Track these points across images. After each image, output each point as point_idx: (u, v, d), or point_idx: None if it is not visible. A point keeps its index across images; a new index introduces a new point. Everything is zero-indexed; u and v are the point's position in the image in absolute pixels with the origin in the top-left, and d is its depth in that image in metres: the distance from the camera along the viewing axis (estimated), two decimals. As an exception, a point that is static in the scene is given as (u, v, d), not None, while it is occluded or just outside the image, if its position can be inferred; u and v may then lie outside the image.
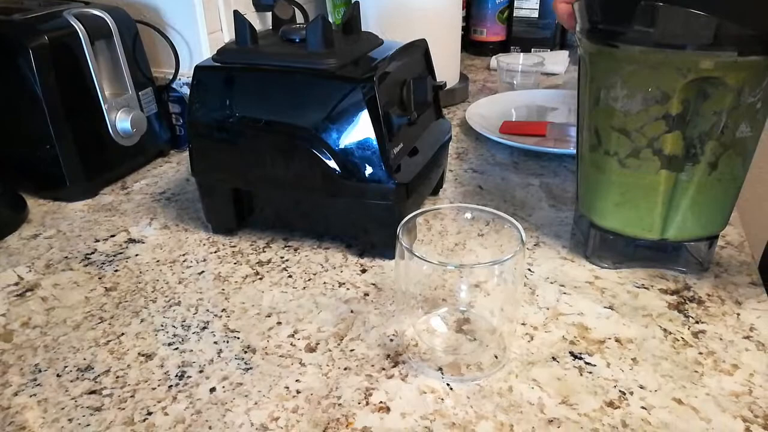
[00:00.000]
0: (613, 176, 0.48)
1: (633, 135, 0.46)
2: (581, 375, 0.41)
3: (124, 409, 0.39)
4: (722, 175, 0.46)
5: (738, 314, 0.46)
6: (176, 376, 0.41)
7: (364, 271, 0.53)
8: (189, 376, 0.41)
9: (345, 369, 0.42)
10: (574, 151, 0.55)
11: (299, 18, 0.85)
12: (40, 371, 0.42)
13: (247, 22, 0.53)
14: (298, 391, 0.40)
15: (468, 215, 0.45)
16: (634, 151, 0.46)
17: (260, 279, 0.52)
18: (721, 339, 0.44)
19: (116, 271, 0.54)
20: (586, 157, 0.51)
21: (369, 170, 0.51)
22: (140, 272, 0.53)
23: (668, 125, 0.44)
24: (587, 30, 0.46)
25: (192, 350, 0.44)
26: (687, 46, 0.41)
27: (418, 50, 0.60)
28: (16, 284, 0.52)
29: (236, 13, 0.54)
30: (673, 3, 0.40)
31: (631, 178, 0.47)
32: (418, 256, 0.38)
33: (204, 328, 0.46)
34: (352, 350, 0.43)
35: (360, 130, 0.50)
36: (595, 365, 0.41)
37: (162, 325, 0.46)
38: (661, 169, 0.46)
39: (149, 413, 0.38)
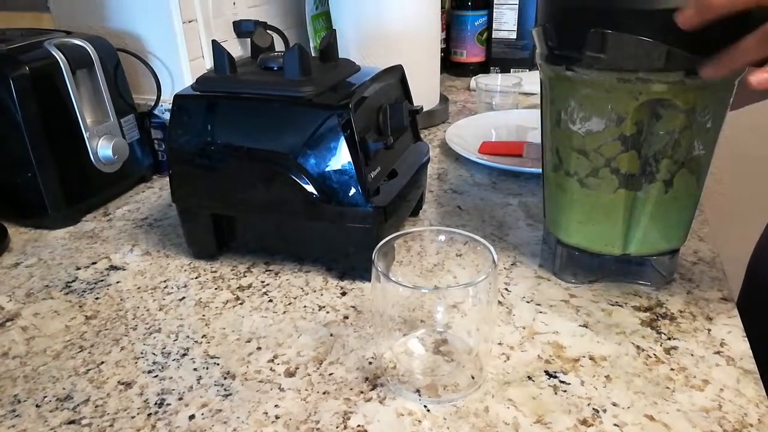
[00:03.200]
0: (575, 195, 0.50)
1: (591, 155, 0.48)
2: (556, 393, 0.41)
3: (102, 438, 0.39)
4: (678, 192, 0.48)
5: (709, 330, 0.47)
6: (155, 404, 0.42)
7: (344, 293, 0.53)
8: (168, 404, 0.42)
9: (324, 393, 0.42)
10: None
11: (279, 45, 0.87)
12: (19, 402, 0.42)
13: (225, 51, 0.54)
14: (276, 417, 0.40)
15: (442, 237, 0.46)
16: (593, 170, 0.48)
17: (241, 304, 0.52)
18: (692, 355, 0.44)
19: (97, 298, 0.54)
20: (550, 177, 0.53)
21: (347, 194, 0.51)
22: (121, 299, 0.54)
23: (624, 145, 0.46)
24: (545, 55, 0.48)
25: (172, 377, 0.44)
26: (637, 70, 0.43)
27: (395, 76, 0.61)
28: (-4, 314, 0.52)
29: (214, 43, 0.55)
30: (622, 30, 0.42)
31: (591, 197, 0.49)
32: (392, 280, 0.39)
33: (184, 354, 0.46)
34: (331, 374, 0.44)
35: (337, 155, 0.51)
36: (569, 383, 0.42)
37: (142, 353, 0.47)
38: (619, 188, 0.48)
39: (128, 442, 0.39)
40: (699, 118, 0.45)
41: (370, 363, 0.45)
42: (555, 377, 0.43)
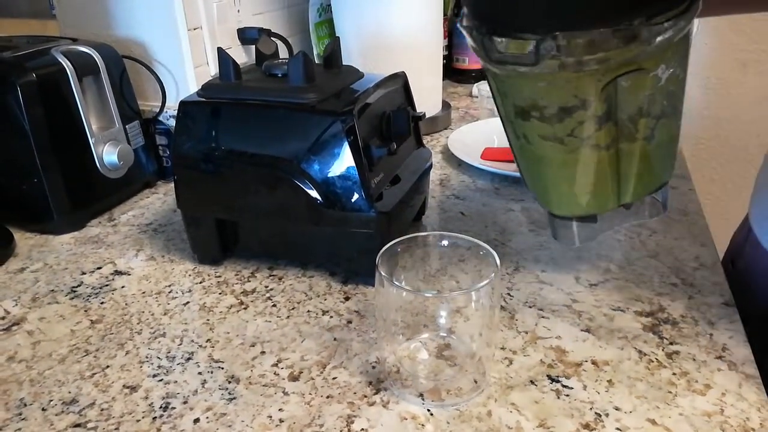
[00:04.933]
0: (557, 171, 0.46)
1: (565, 140, 0.43)
2: (558, 398, 0.42)
3: (108, 441, 0.39)
4: (660, 141, 0.45)
5: (711, 334, 0.47)
6: (160, 407, 0.42)
7: (347, 298, 0.54)
8: (173, 408, 0.42)
9: (327, 397, 0.42)
10: None
11: (283, 52, 0.87)
12: (25, 405, 0.43)
13: (230, 58, 0.55)
14: (281, 420, 0.40)
15: (445, 243, 0.46)
16: (571, 152, 0.44)
17: (245, 309, 0.53)
18: (694, 359, 0.45)
19: (102, 303, 0.54)
20: (524, 155, 0.48)
21: (350, 200, 0.52)
22: (126, 304, 0.54)
23: (598, 124, 0.42)
24: (486, 56, 0.42)
25: (176, 381, 0.44)
26: (597, 53, 0.38)
27: (398, 82, 0.62)
28: (3, 318, 0.52)
29: (220, 50, 0.55)
30: (567, 29, 0.37)
31: (574, 169, 0.45)
32: (396, 285, 0.39)
33: (188, 358, 0.47)
34: (334, 378, 0.44)
35: (341, 161, 0.51)
36: (572, 388, 0.42)
37: (147, 357, 0.47)
38: (601, 157, 0.44)
39: (133, 445, 0.39)
40: (667, 71, 0.41)
41: (374, 367, 0.45)
42: (557, 382, 0.43)
